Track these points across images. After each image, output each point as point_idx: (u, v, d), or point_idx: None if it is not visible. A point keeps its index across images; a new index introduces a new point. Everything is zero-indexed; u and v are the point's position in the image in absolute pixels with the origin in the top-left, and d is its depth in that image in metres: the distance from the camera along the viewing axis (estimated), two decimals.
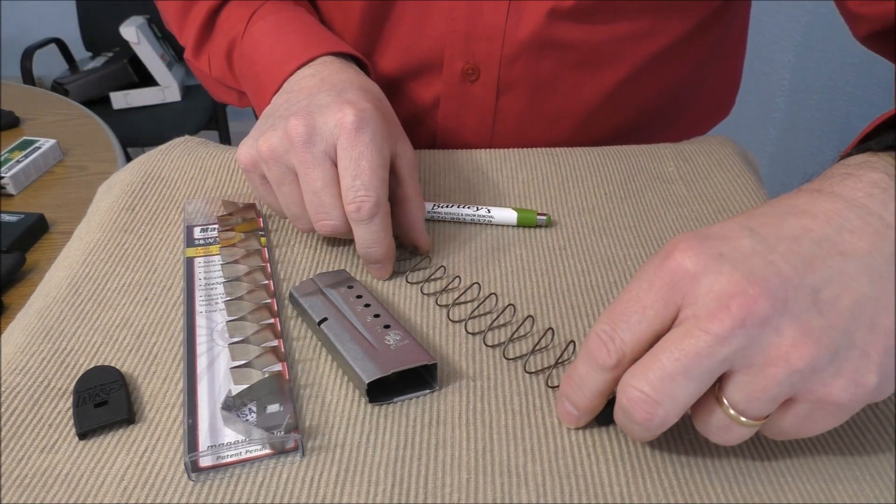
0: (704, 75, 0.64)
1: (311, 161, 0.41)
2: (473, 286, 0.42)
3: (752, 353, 0.27)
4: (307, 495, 0.30)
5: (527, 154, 0.55)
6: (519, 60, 0.55)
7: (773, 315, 0.27)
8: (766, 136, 1.72)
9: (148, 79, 1.92)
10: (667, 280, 0.29)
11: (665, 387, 0.28)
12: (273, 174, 0.42)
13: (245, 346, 0.37)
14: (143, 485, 0.31)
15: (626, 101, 0.59)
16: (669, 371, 0.27)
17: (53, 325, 0.39)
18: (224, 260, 0.42)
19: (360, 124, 0.41)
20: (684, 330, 0.28)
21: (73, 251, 0.44)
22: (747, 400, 0.28)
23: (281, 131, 0.42)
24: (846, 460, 0.32)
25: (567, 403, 0.32)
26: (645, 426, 0.28)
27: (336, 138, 0.41)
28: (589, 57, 0.56)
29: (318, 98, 0.43)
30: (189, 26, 0.59)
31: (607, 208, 0.49)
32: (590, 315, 0.40)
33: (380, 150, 0.41)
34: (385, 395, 0.35)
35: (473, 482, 0.31)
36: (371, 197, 0.40)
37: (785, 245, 0.29)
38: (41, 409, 0.34)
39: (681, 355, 0.27)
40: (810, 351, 0.27)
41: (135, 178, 0.51)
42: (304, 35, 0.52)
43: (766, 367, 0.27)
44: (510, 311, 0.40)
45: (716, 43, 0.62)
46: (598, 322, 0.30)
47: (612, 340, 0.30)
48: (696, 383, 0.28)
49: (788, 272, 0.28)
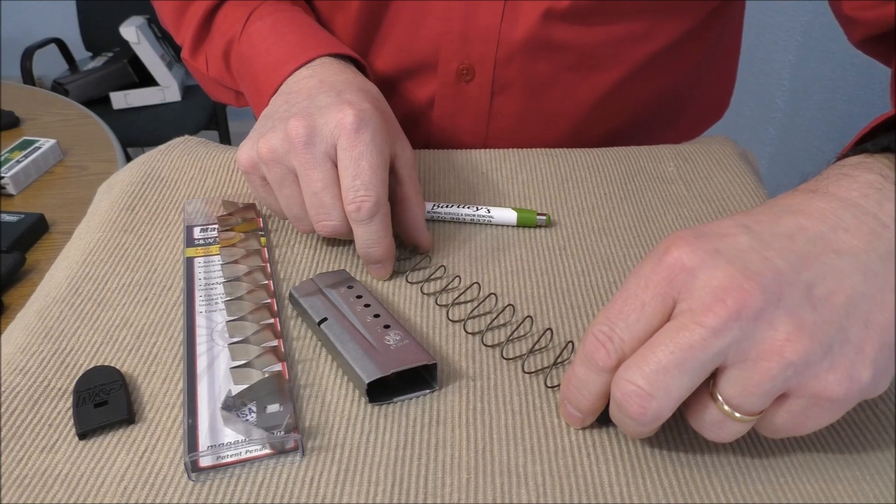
0: (699, 79, 0.64)
1: (311, 162, 0.41)
2: (473, 286, 0.42)
3: (747, 347, 0.27)
4: (307, 495, 0.30)
5: (526, 154, 0.55)
6: (514, 61, 0.55)
7: (767, 309, 0.27)
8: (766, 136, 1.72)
9: (148, 79, 1.92)
10: (664, 276, 0.29)
11: (659, 380, 0.28)
12: (273, 175, 0.42)
13: (245, 346, 0.37)
14: (143, 485, 0.31)
15: (620, 104, 0.60)
16: (664, 364, 0.27)
17: (53, 325, 0.39)
18: (224, 260, 0.42)
19: (359, 125, 0.41)
20: (679, 323, 0.28)
21: (73, 251, 0.44)
22: (741, 395, 0.28)
23: (281, 133, 0.42)
24: (846, 460, 0.32)
25: (569, 406, 0.32)
26: (639, 420, 0.28)
27: (336, 139, 0.41)
28: (584, 59, 0.56)
29: (317, 99, 0.43)
30: (186, 26, 0.59)
31: (607, 208, 0.49)
32: (589, 315, 0.40)
33: (380, 151, 0.41)
34: (385, 395, 0.35)
35: (473, 482, 0.31)
36: (371, 197, 0.40)
37: (780, 242, 0.29)
38: (41, 409, 0.34)
39: (675, 348, 0.27)
40: (805, 345, 0.27)
41: (135, 178, 0.51)
42: (302, 36, 0.52)
43: (759, 360, 0.27)
44: (510, 312, 0.40)
45: (711, 47, 0.62)
46: (594, 323, 0.30)
47: (610, 341, 0.30)
48: (691, 376, 0.28)
49: (783, 268, 0.28)
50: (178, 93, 1.94)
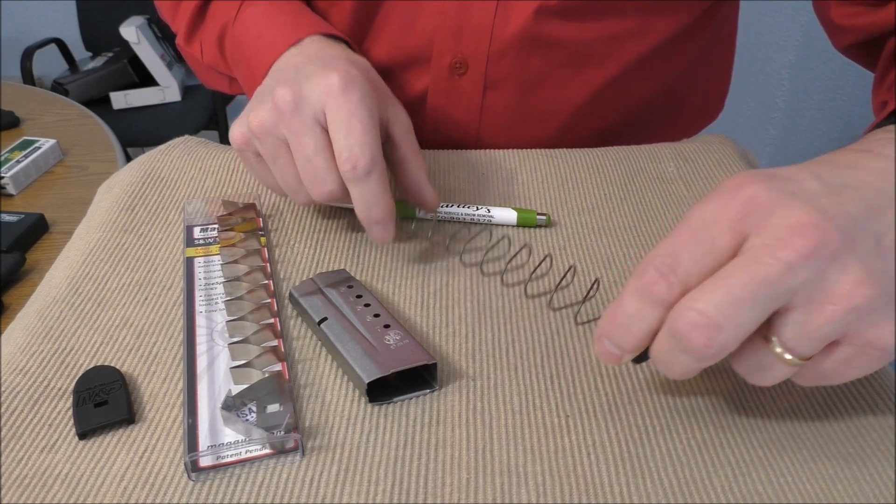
0: (693, 79, 0.64)
1: (300, 128, 0.40)
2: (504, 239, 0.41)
3: (815, 288, 0.27)
4: (307, 495, 0.30)
5: (527, 155, 0.55)
6: (507, 57, 0.56)
7: (842, 251, 0.27)
8: (766, 135, 1.72)
9: (148, 79, 1.92)
10: (738, 210, 0.28)
11: (731, 312, 0.27)
12: (266, 148, 0.42)
13: (245, 346, 0.37)
14: (143, 485, 0.31)
15: (613, 102, 0.60)
16: (737, 296, 0.27)
17: (53, 325, 0.39)
18: (224, 260, 0.42)
19: (346, 86, 0.40)
20: (753, 257, 0.27)
21: (73, 251, 0.44)
22: (798, 337, 0.28)
23: (269, 103, 0.41)
24: (846, 460, 0.32)
25: (608, 343, 0.31)
26: (701, 353, 0.28)
27: (324, 103, 0.40)
28: (576, 55, 0.56)
29: (303, 70, 0.43)
30: (182, 13, 0.59)
31: (607, 208, 0.49)
32: (589, 315, 0.40)
33: (369, 110, 0.40)
34: (385, 394, 0.35)
35: (473, 482, 0.31)
36: (366, 153, 0.39)
37: (848, 192, 0.29)
38: (41, 409, 0.34)
39: (750, 281, 0.27)
40: (872, 291, 0.27)
41: (135, 178, 0.51)
42: (294, 17, 0.52)
43: (824, 304, 0.27)
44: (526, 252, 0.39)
45: (704, 47, 0.62)
46: (653, 255, 0.29)
47: (673, 273, 0.28)
48: (760, 312, 0.27)
49: (857, 214, 0.28)
50: (178, 93, 1.94)
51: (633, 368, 0.36)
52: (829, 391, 0.35)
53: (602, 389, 0.35)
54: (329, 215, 0.48)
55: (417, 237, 0.46)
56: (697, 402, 0.35)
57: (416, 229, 0.43)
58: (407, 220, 0.47)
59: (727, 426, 0.33)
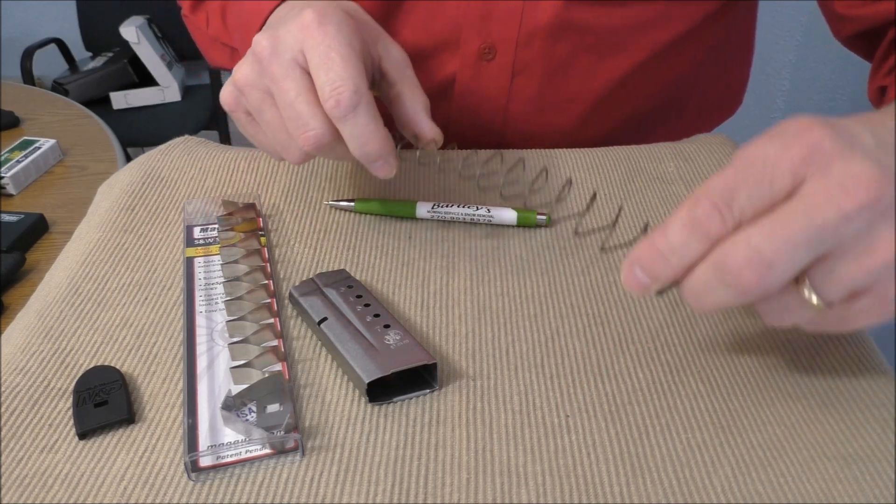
0: (715, 68, 0.64)
1: (280, 73, 0.39)
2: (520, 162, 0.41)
3: (860, 240, 0.27)
4: (307, 495, 0.30)
5: (527, 155, 0.55)
6: (535, 42, 0.56)
7: (892, 207, 0.27)
8: None
9: (148, 79, 1.92)
10: (802, 153, 0.28)
11: (786, 253, 0.27)
12: (252, 102, 0.41)
13: (245, 346, 0.37)
14: (143, 485, 0.31)
15: (637, 89, 0.60)
16: (793, 238, 0.27)
17: (53, 325, 0.39)
18: (224, 260, 0.42)
19: (321, 19, 0.39)
20: (813, 202, 0.27)
21: (73, 251, 0.44)
22: (831, 283, 0.28)
23: (250, 56, 0.40)
24: (846, 460, 0.32)
25: (640, 272, 0.30)
26: (746, 291, 0.28)
27: (301, 42, 0.39)
28: (603, 41, 0.56)
29: (285, 17, 0.42)
30: None
31: (607, 208, 0.49)
32: (590, 314, 0.40)
33: (348, 42, 0.39)
34: (385, 394, 0.35)
35: (473, 482, 0.31)
36: (348, 87, 0.37)
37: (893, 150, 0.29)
38: (41, 409, 0.34)
39: (808, 225, 0.27)
40: None
41: (135, 178, 0.51)
42: None
43: (865, 255, 0.27)
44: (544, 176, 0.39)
45: (727, 35, 0.62)
46: (707, 189, 0.29)
47: (728, 208, 0.28)
48: (811, 255, 0.27)
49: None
50: (178, 93, 1.94)
51: (633, 368, 0.36)
52: (830, 391, 0.35)
53: (602, 389, 0.35)
54: (329, 215, 0.48)
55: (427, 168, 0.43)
56: (697, 402, 0.35)
57: (422, 158, 0.41)
58: (409, 149, 0.44)
59: (727, 426, 0.33)
